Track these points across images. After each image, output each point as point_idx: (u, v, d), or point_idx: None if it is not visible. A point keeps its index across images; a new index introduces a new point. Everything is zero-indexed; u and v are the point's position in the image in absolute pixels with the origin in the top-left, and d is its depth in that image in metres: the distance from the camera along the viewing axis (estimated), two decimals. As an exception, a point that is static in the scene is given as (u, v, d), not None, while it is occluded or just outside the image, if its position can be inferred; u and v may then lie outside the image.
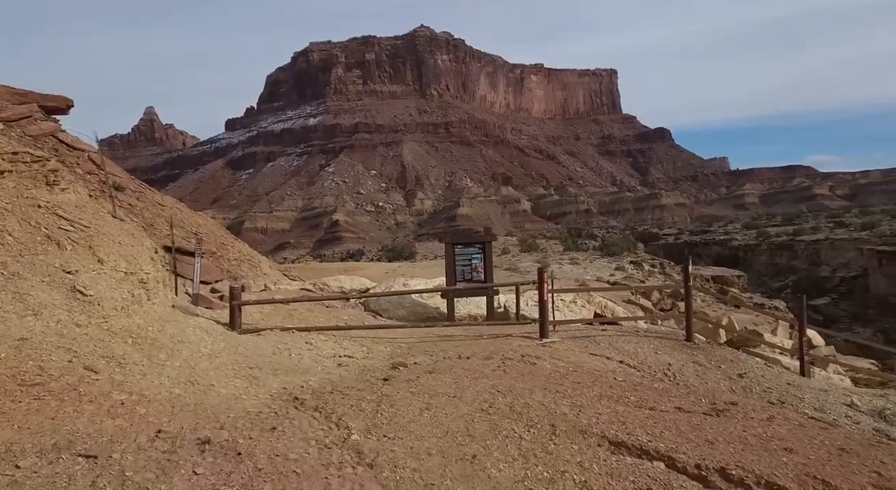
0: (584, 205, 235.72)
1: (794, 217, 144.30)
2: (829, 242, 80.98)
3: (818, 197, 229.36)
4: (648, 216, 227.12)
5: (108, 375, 4.57)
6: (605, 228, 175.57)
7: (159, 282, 7.83)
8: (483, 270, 11.12)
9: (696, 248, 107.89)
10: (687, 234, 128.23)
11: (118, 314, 5.90)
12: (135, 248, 7.33)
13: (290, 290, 12.32)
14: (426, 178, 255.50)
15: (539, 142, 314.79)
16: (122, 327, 5.73)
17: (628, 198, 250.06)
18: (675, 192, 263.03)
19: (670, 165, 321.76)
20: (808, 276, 75.75)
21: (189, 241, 20.77)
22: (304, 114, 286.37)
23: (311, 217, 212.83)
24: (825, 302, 58.83)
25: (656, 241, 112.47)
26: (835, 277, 69.98)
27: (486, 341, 8.93)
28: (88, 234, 6.63)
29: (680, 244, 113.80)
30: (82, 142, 22.58)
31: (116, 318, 5.78)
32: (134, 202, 20.47)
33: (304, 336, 7.96)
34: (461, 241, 11.31)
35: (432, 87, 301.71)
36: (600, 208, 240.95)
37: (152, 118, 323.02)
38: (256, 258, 21.32)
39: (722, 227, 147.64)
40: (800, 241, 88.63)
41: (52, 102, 23.42)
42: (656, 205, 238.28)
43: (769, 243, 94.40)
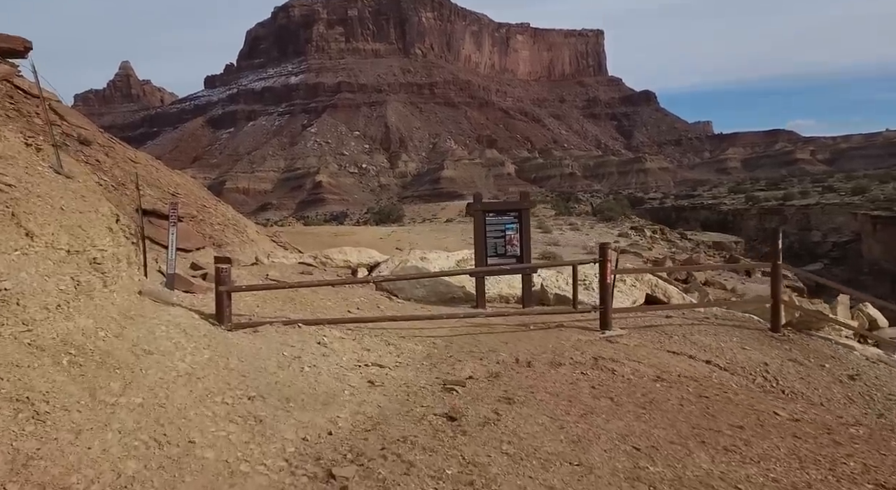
0: (568, 168, 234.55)
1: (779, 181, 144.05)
2: (819, 207, 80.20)
3: (800, 161, 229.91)
4: (633, 180, 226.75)
5: (6, 445, 2.72)
6: (590, 192, 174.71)
7: (121, 259, 5.90)
8: (520, 243, 9.29)
9: (683, 213, 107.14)
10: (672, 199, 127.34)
11: (52, 316, 4.01)
12: (85, 215, 5.36)
13: (286, 265, 10.40)
14: (410, 140, 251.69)
15: (524, 104, 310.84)
16: (55, 337, 3.86)
17: (612, 162, 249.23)
18: (660, 157, 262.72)
19: (655, 129, 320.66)
20: (800, 241, 75.21)
21: (165, 202, 18.64)
22: (285, 72, 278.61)
23: (294, 178, 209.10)
24: (818, 267, 58.17)
25: (641, 205, 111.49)
26: (826, 242, 69.41)
27: (536, 335, 7.19)
28: (12, 196, 4.66)
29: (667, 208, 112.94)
30: (42, 89, 20.03)
31: (48, 323, 3.90)
32: (102, 158, 18.15)
33: (313, 332, 6.11)
34: (493, 209, 9.43)
35: (416, 46, 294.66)
36: (585, 172, 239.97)
37: (128, 73, 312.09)
38: (242, 222, 19.24)
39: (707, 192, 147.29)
40: (790, 205, 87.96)
41: (5, 44, 20.68)
42: (640, 169, 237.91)
43: (759, 208, 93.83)
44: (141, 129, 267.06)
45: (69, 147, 17.91)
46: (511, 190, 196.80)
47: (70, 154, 17.37)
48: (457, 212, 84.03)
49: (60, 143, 18.11)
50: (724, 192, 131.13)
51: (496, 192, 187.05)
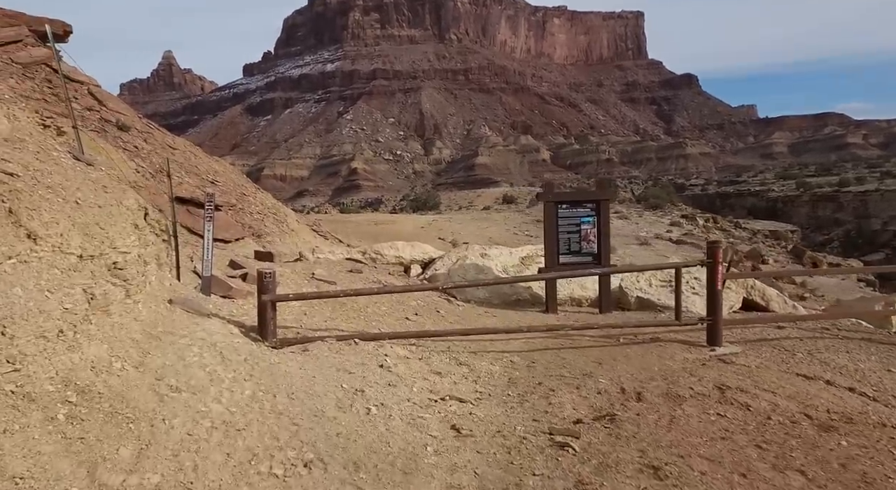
0: (605, 154, 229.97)
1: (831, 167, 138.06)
2: (879, 193, 76.06)
3: (851, 146, 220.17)
4: (672, 166, 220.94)
5: None
6: (628, 179, 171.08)
7: (149, 262, 4.98)
8: (597, 239, 8.13)
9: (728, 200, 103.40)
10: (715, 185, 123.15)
11: (50, 347, 3.07)
12: (105, 210, 4.44)
13: (332, 261, 9.44)
14: (444, 127, 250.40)
15: (560, 89, 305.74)
16: (53, 377, 2.92)
17: (651, 147, 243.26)
18: (701, 142, 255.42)
19: (696, 113, 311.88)
20: (858, 229, 71.53)
21: (204, 190, 17.97)
22: (321, 59, 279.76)
23: (330, 165, 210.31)
24: (880, 257, 55.11)
25: (682, 191, 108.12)
26: (888, 231, 65.83)
27: (632, 352, 6.05)
28: (13, 187, 3.74)
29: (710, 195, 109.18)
30: (81, 73, 19.51)
31: (44, 358, 2.96)
32: (140, 144, 17.57)
33: (372, 351, 5.10)
34: (567, 199, 8.26)
35: (451, 32, 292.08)
36: (622, 158, 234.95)
37: (171, 62, 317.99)
38: (282, 211, 18.45)
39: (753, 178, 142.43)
40: (846, 192, 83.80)
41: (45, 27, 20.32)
42: (680, 154, 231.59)
43: (811, 194, 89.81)
44: (182, 117, 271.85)
45: (107, 133, 17.35)
46: (546, 177, 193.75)
47: (108, 139, 16.79)
48: (493, 199, 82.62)
49: (98, 129, 17.57)
50: (772, 178, 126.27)
51: (531, 179, 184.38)
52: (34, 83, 16.45)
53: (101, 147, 14.98)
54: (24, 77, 16.30)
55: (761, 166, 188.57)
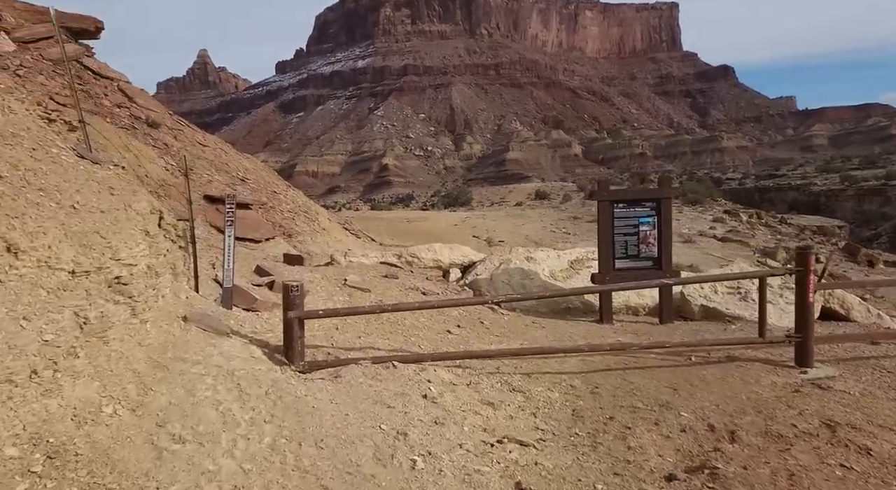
0: (638, 148, 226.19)
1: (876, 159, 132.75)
2: (929, 187, 72.44)
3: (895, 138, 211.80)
4: (707, 160, 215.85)
5: None
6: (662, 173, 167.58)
7: (162, 273, 4.39)
8: (658, 242, 7.31)
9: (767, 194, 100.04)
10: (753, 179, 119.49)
11: (18, 394, 2.46)
12: (109, 215, 3.84)
13: (366, 265, 8.80)
14: (475, 122, 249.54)
15: (592, 82, 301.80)
16: (18, 435, 2.32)
17: (686, 141, 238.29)
18: (738, 134, 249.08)
19: (732, 106, 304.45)
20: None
21: (234, 187, 17.57)
22: (353, 56, 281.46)
23: (361, 161, 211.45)
24: (932, 256, 52.28)
25: (719, 186, 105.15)
26: (940, 227, 62.55)
27: (709, 374, 5.25)
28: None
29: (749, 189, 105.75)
30: (112, 70, 19.32)
31: (5, 411, 2.34)
32: (170, 141, 17.21)
33: (414, 376, 4.42)
34: (624, 198, 7.44)
35: (482, 26, 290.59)
36: (655, 152, 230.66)
37: (206, 61, 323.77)
38: (313, 210, 17.93)
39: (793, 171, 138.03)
40: (893, 185, 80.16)
41: (78, 23, 20.12)
42: (716, 148, 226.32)
43: (856, 188, 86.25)
44: (217, 115, 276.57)
45: (137, 130, 17.05)
46: (578, 171, 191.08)
47: (138, 137, 16.49)
48: (525, 195, 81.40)
49: (128, 126, 17.31)
50: (813, 171, 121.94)
51: (563, 174, 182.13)
52: (64, 80, 16.26)
53: (129, 145, 14.65)
54: (53, 74, 16.10)
55: (801, 159, 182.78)
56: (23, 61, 15.62)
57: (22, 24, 17.81)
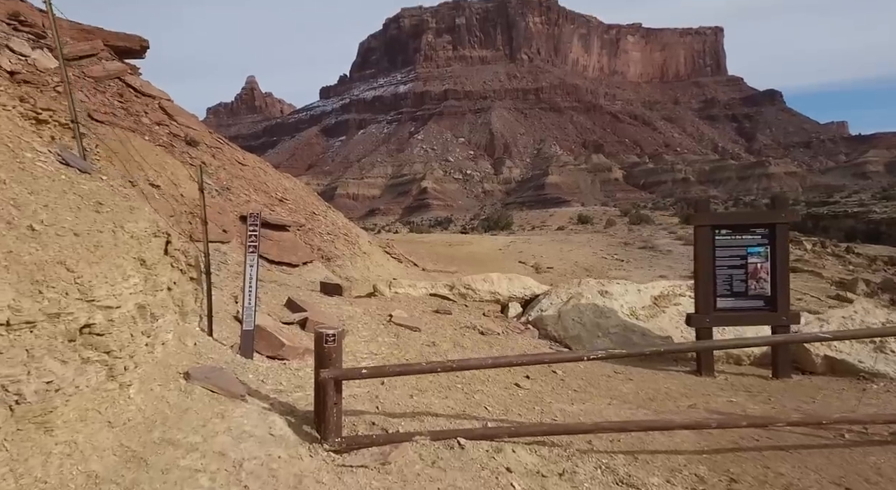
0: (681, 173, 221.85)
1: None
2: None
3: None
4: (754, 185, 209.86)
5: None
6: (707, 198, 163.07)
7: (162, 314, 3.37)
8: (771, 277, 6.01)
9: (821, 222, 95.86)
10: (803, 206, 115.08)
11: None
12: (87, 238, 2.84)
13: (413, 297, 7.70)
14: (514, 146, 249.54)
15: (634, 107, 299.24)
16: None
17: (731, 166, 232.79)
18: (786, 160, 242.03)
19: (780, 131, 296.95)
20: (978, 257, 63.99)
21: (272, 209, 16.83)
22: (394, 81, 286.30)
23: (401, 184, 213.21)
24: None
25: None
26: None
27: (884, 464, 3.91)
28: None
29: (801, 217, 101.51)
30: (153, 87, 19.01)
31: None
32: (208, 159, 16.61)
33: (486, 461, 3.27)
34: (729, 223, 6.17)
35: (522, 51, 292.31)
36: (699, 177, 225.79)
37: (253, 87, 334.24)
38: (354, 232, 17.03)
39: (847, 198, 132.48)
40: (962, 215, 75.61)
41: (123, 42, 19.97)
42: (763, 173, 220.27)
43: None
44: (262, 139, 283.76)
45: (175, 148, 16.50)
46: (618, 196, 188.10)
47: (175, 155, 15.91)
48: (566, 219, 79.70)
49: (167, 143, 16.80)
50: (870, 198, 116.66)
51: (603, 199, 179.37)
52: (105, 97, 15.90)
53: (166, 162, 14.03)
54: (94, 91, 15.75)
55: (854, 186, 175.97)
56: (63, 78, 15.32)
57: (67, 41, 17.66)
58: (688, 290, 7.28)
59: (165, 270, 3.73)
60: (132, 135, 14.23)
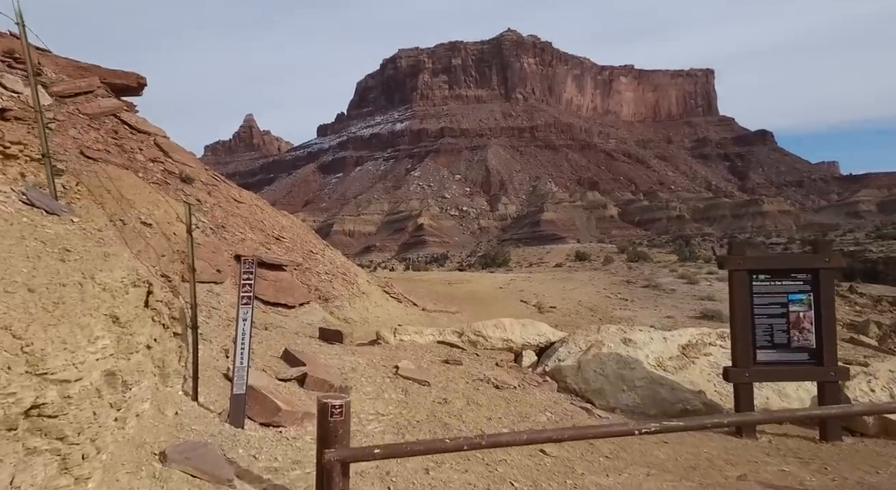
0: (675, 211, 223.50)
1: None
2: None
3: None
4: (748, 224, 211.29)
5: None
6: (701, 236, 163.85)
7: (135, 382, 2.82)
8: (815, 327, 5.50)
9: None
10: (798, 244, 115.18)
11: None
12: (44, 296, 2.29)
13: (419, 345, 7.13)
14: (510, 183, 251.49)
15: (628, 145, 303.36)
16: None
17: (725, 204, 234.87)
18: (779, 198, 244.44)
19: (772, 170, 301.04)
20: (977, 296, 63.72)
21: (269, 247, 16.32)
22: (391, 119, 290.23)
23: (397, 220, 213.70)
24: None
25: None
26: None
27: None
28: None
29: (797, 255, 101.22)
30: (149, 124, 18.71)
31: None
32: (203, 197, 16.15)
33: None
34: (767, 268, 5.67)
35: (518, 91, 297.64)
36: (694, 215, 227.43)
37: (251, 125, 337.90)
38: (352, 271, 16.49)
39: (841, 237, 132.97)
40: (959, 254, 75.61)
41: (120, 79, 19.75)
42: (757, 211, 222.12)
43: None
44: (259, 176, 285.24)
45: (170, 185, 16.07)
46: (614, 233, 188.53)
47: (169, 192, 15.46)
48: (563, 256, 79.31)
49: (161, 181, 16.36)
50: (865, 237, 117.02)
51: (599, 235, 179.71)
52: (98, 133, 15.54)
53: (159, 200, 13.56)
54: (88, 127, 15.39)
55: (848, 225, 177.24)
56: (56, 115, 14.98)
57: (62, 78, 17.41)
58: (717, 338, 6.75)
59: (144, 326, 3.19)
60: (125, 172, 13.79)
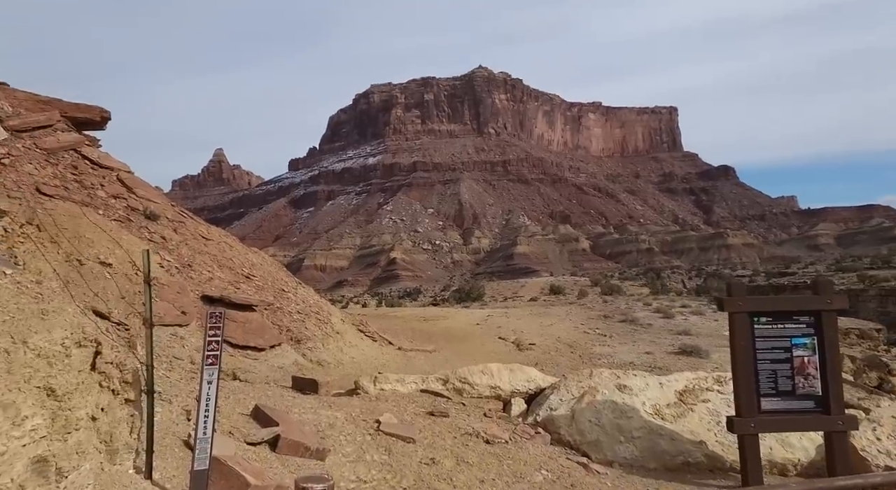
0: (645, 244, 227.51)
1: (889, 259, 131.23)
2: (957, 289, 69.98)
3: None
4: (714, 256, 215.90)
5: None
6: (671, 268, 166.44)
7: (71, 468, 2.33)
8: (820, 372, 5.21)
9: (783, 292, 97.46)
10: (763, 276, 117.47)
11: None
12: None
13: (402, 394, 6.62)
14: (483, 217, 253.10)
15: (598, 180, 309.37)
16: None
17: (692, 237, 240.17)
18: (743, 232, 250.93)
19: (736, 204, 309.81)
20: (939, 327, 65.25)
21: (237, 286, 15.67)
22: (364, 153, 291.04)
23: (369, 255, 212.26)
24: (978, 360, 48.90)
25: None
26: (977, 330, 59.59)
27: None
28: None
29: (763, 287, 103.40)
30: (113, 159, 18.04)
31: None
32: (168, 234, 15.47)
33: None
34: (768, 310, 5.39)
35: (490, 126, 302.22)
36: (662, 247, 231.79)
37: (221, 159, 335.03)
38: (325, 310, 15.90)
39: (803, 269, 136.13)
40: (918, 286, 77.70)
41: (82, 113, 19.07)
42: (722, 244, 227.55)
43: (878, 288, 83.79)
44: (229, 211, 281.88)
45: (133, 222, 15.40)
46: (586, 265, 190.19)
47: (132, 230, 14.79)
48: (538, 289, 79.19)
49: (123, 218, 15.66)
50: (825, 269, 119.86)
51: (571, 268, 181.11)
52: (57, 169, 14.85)
53: (122, 238, 12.92)
54: (45, 163, 14.71)
55: (809, 258, 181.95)
56: (11, 149, 14.30)
57: (20, 112, 16.74)
58: (714, 383, 6.43)
59: (89, 395, 2.72)
60: (85, 209, 13.14)
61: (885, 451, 5.48)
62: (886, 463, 5.36)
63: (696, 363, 15.91)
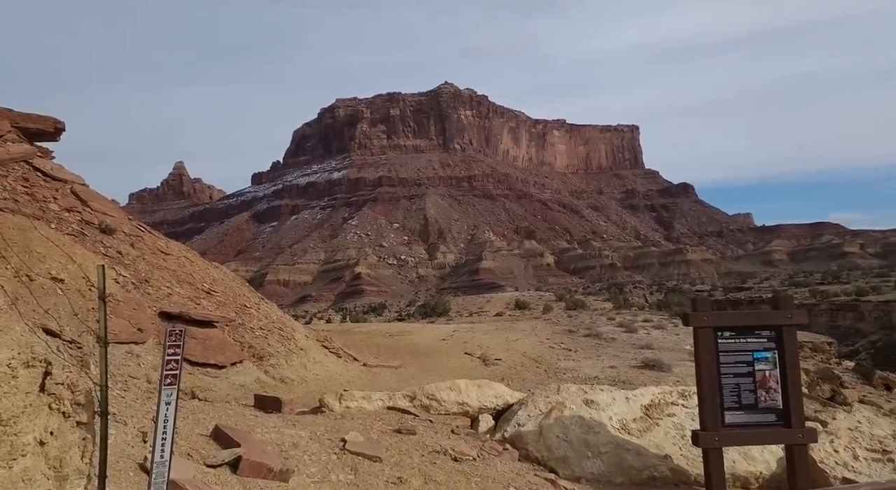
0: (608, 259, 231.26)
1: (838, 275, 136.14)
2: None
3: (849, 255, 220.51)
4: (675, 271, 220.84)
5: None
6: (633, 283, 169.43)
7: None
8: (781, 386, 5.30)
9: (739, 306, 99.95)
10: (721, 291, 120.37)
11: None
12: None
13: (368, 412, 6.48)
14: (449, 232, 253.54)
15: (562, 196, 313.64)
16: None
17: (653, 253, 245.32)
18: (701, 248, 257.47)
19: (695, 220, 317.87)
20: (885, 340, 67.66)
21: (197, 302, 15.26)
22: (328, 168, 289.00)
23: (334, 270, 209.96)
24: (923, 371, 50.83)
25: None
26: (921, 343, 61.97)
27: None
28: None
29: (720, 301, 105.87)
30: (66, 171, 17.49)
31: None
32: (125, 249, 15.00)
33: None
34: (732, 324, 5.48)
35: (455, 142, 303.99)
36: (625, 263, 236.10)
37: (181, 173, 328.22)
38: (289, 326, 15.59)
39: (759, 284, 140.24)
40: (866, 301, 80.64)
41: (34, 124, 18.44)
42: (682, 260, 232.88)
43: (829, 303, 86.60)
44: (189, 225, 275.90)
45: (87, 236, 14.89)
46: (550, 281, 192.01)
47: (86, 244, 14.29)
48: (503, 304, 79.40)
49: (77, 232, 15.14)
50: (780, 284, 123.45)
51: (536, 283, 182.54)
52: (6, 181, 14.28)
53: (75, 252, 12.48)
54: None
55: (764, 273, 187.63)
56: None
57: (-33, 122, 16.15)
58: (679, 397, 6.50)
59: (37, 418, 2.56)
60: (37, 222, 12.65)
61: (842, 463, 5.60)
62: (844, 475, 5.48)
63: (658, 377, 16.11)
